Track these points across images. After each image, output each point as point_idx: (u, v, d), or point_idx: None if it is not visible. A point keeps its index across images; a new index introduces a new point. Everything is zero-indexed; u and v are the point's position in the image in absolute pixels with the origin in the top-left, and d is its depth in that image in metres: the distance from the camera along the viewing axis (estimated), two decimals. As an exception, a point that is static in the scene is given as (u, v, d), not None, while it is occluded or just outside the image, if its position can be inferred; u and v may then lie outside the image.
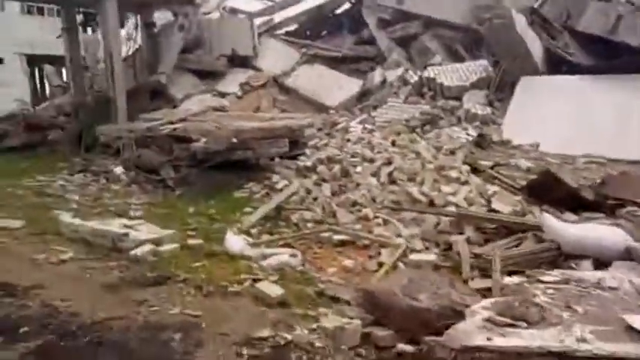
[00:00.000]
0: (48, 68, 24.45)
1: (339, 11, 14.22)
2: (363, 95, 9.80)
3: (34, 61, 31.85)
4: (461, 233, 4.21)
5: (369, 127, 8.06)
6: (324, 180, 6.39)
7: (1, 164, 11.38)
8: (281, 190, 6.53)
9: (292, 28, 14.10)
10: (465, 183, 5.33)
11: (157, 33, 14.55)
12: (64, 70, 28.78)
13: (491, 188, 5.01)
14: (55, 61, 31.56)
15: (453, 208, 4.71)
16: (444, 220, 4.48)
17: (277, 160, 7.53)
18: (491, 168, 5.59)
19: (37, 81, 34.25)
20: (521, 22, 8.04)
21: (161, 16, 15.19)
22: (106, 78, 12.34)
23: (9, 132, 14.92)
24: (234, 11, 15.40)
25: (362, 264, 3.97)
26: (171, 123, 10.22)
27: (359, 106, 9.06)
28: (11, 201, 6.93)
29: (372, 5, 11.42)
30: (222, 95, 12.34)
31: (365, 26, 12.65)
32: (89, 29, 31.83)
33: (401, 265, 3.75)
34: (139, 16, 15.03)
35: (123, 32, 19.19)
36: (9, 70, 30.20)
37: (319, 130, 8.31)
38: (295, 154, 7.68)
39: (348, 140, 7.73)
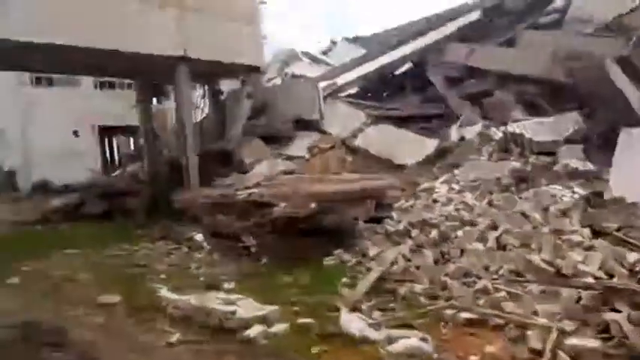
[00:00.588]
0: (119, 138, 25.65)
1: (399, 72, 14.18)
2: (440, 154, 9.41)
3: (105, 133, 33.73)
4: (613, 310, 3.59)
5: (455, 187, 7.59)
6: (420, 246, 5.90)
7: (83, 232, 11.56)
8: (373, 258, 6.09)
9: (354, 90, 14.12)
10: (590, 248, 4.71)
11: (223, 101, 14.96)
12: (132, 140, 30.28)
13: (630, 255, 4.37)
14: (125, 131, 33.43)
15: (589, 279, 4.11)
16: (585, 294, 3.87)
17: (362, 224, 7.12)
18: (617, 230, 4.95)
19: (108, 151, 36.12)
20: (615, 70, 7.55)
21: (226, 85, 15.69)
22: (178, 146, 12.59)
23: (86, 200, 15.44)
24: (296, 77, 15.69)
25: (509, 351, 3.40)
26: (247, 188, 10.18)
27: (437, 165, 8.65)
28: (102, 273, 6.80)
29: (437, 64, 11.24)
30: (291, 159, 12.27)
31: (429, 85, 12.48)
32: (154, 100, 33.64)
33: (561, 354, 3.15)
34: (206, 86, 15.56)
35: (191, 102, 20.02)
36: (83, 142, 32.04)
37: (402, 190, 7.90)
38: (380, 217, 7.27)
39: (436, 201, 7.26)
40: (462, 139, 9.20)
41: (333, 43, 18.88)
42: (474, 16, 12.50)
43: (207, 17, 12.26)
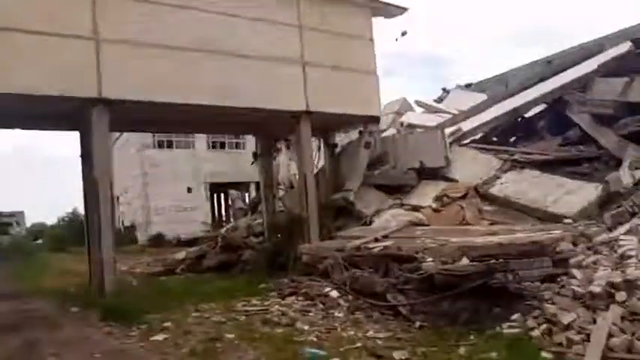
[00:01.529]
0: (233, 193, 26.42)
1: (529, 115, 12.94)
2: (607, 200, 8.00)
3: (214, 189, 35.31)
4: None
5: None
6: (634, 314, 4.61)
7: (204, 285, 11.36)
8: (568, 327, 4.87)
9: (478, 136, 13.05)
10: None
11: (338, 153, 14.59)
12: (243, 194, 31.09)
13: None
14: (233, 187, 34.74)
15: None
16: None
17: (536, 284, 5.92)
18: None
19: (216, 206, 37.62)
20: None
21: (340, 138, 15.37)
22: (299, 198, 12.22)
23: (206, 253, 15.55)
24: (411, 127, 15.00)
25: None
26: (376, 240, 9.36)
27: (609, 214, 7.25)
28: (246, 331, 6.22)
29: (583, 101, 9.94)
30: (416, 209, 11.33)
31: (569, 126, 11.11)
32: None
33: None
34: (321, 139, 15.31)
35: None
36: (195, 198, 33.71)
37: (574, 244, 6.61)
38: (556, 274, 6.03)
39: (628, 257, 5.89)
40: (638, 183, 7.74)
41: (446, 91, 18.11)
42: (623, 47, 11.13)
43: (328, 69, 12.13)
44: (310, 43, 12.01)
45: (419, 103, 16.87)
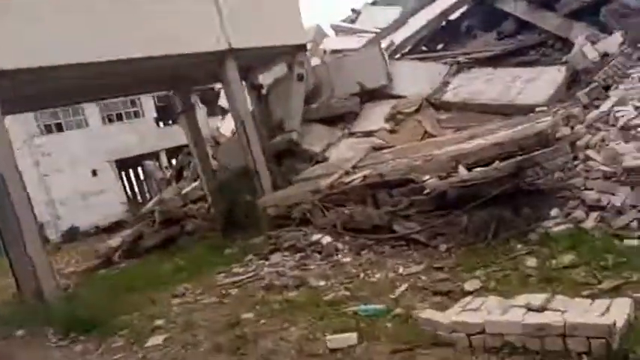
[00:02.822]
0: (149, 164, 23.90)
1: (451, 18, 12.42)
2: (573, 80, 7.72)
3: (121, 166, 32.01)
4: None
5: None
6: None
7: (159, 267, 9.92)
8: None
9: (407, 49, 12.36)
10: None
11: (265, 94, 13.22)
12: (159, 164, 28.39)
13: None
14: (141, 159, 31.69)
15: None
16: None
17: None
18: None
19: (127, 183, 34.40)
20: None
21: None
22: (242, 149, 10.85)
23: (143, 233, 13.76)
24: (336, 52, 13.91)
25: None
26: (347, 174, 8.49)
27: (583, 92, 6.94)
28: (252, 306, 5.14)
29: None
30: (369, 134, 10.55)
31: (499, 20, 10.75)
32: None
33: None
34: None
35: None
36: (102, 180, 30.31)
37: (571, 127, 6.20)
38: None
39: (635, 126, 5.56)
40: (605, 55, 7.50)
41: (355, 11, 17.05)
42: None
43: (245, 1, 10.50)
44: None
45: (336, 28, 15.71)
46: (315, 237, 7.06)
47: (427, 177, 6.26)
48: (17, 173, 7.76)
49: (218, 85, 17.21)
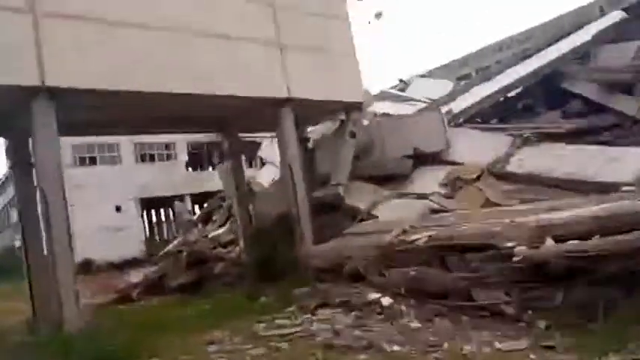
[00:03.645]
0: (179, 205, 23.49)
1: (512, 94, 12.19)
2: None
3: (146, 205, 31.76)
4: None
5: None
6: None
7: (185, 309, 9.12)
8: None
9: (465, 117, 12.06)
10: None
11: (312, 148, 12.90)
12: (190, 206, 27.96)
13: None
14: (166, 201, 31.42)
15: None
16: None
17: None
18: None
19: (150, 222, 34.02)
20: None
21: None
22: (283, 197, 10.31)
23: (167, 271, 13.02)
24: (386, 115, 13.72)
25: None
26: (404, 232, 7.81)
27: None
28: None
29: (593, 69, 9.22)
30: (421, 197, 9.97)
31: (564, 99, 10.43)
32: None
33: None
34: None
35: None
36: (125, 217, 29.95)
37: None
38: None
39: None
40: None
41: (403, 81, 17.13)
42: (616, 15, 10.72)
43: (308, 52, 10.44)
44: (285, 23, 10.25)
45: (384, 94, 15.67)
46: (373, 296, 6.29)
47: (511, 244, 5.56)
48: (62, 192, 7.29)
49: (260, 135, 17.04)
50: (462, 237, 6.39)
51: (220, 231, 15.94)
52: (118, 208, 29.89)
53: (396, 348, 4.51)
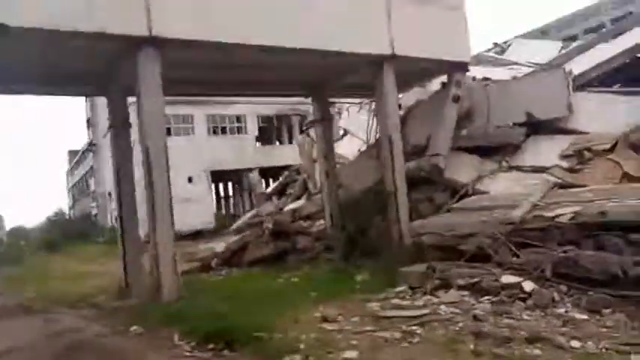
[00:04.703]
0: (253, 177, 23.49)
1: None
2: None
3: (216, 177, 32.21)
4: None
5: None
6: None
7: (273, 282, 8.70)
8: None
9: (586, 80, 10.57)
10: None
11: (404, 115, 11.96)
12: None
13: None
14: (235, 174, 31.71)
15: None
16: None
17: None
18: None
19: (217, 194, 34.63)
20: None
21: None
22: (384, 167, 9.52)
23: (249, 243, 12.77)
24: (486, 80, 12.45)
25: None
26: (534, 208, 6.82)
27: None
28: (459, 348, 3.64)
29: None
30: (539, 170, 8.84)
31: None
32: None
33: None
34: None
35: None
36: (196, 188, 30.51)
37: None
38: None
39: None
40: None
41: (498, 45, 15.62)
42: None
43: (416, 3, 9.45)
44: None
45: (480, 57, 14.33)
46: (508, 279, 5.43)
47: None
48: (164, 151, 7.01)
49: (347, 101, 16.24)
50: (619, 214, 5.36)
51: (297, 204, 15.54)
52: (190, 180, 30.48)
53: (575, 344, 3.66)
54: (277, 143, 34.92)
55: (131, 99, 8.20)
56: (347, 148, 15.27)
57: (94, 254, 20.75)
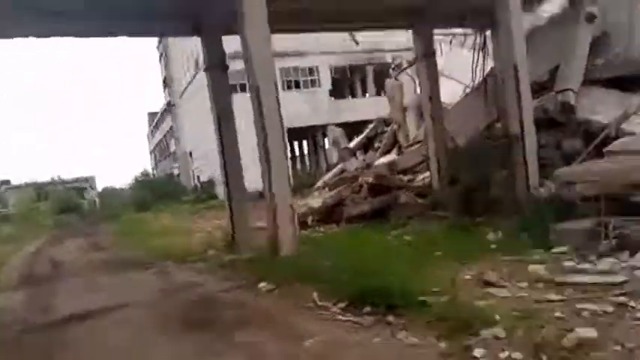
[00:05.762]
0: (336, 130, 22.73)
1: None
2: None
3: (292, 135, 31.78)
4: None
5: None
6: None
7: (384, 239, 7.93)
8: None
9: None
10: None
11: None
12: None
13: None
14: (310, 131, 31.05)
15: None
16: None
17: None
18: None
19: (292, 151, 34.38)
20: None
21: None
22: (507, 106, 8.27)
23: (344, 199, 12.11)
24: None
25: None
26: None
27: None
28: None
29: None
30: None
31: None
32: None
33: None
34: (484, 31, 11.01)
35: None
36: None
37: None
38: None
39: None
40: None
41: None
42: None
43: None
44: None
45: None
46: None
47: None
48: (276, 92, 6.33)
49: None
50: None
51: (388, 158, 14.59)
52: (263, 137, 30.27)
53: None
54: (350, 98, 33.73)
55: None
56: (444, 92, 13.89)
57: (184, 212, 21.26)
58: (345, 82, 33.19)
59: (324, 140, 31.96)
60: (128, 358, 3.69)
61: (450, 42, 14.74)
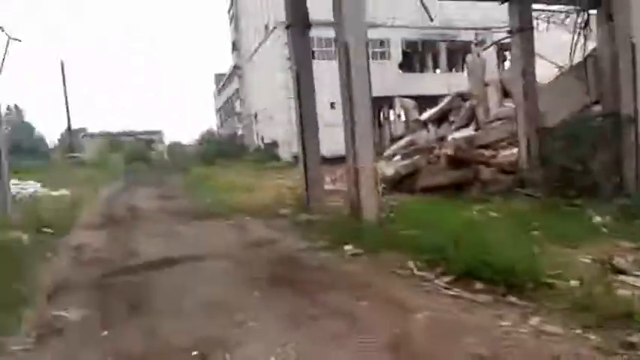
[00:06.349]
0: (408, 102, 21.99)
1: None
2: None
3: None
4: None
5: None
6: None
7: (464, 213, 7.36)
8: None
9: None
10: None
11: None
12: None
13: None
14: (378, 102, 30.20)
15: None
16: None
17: None
18: None
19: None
20: None
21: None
22: (621, 84, 7.35)
23: (421, 169, 11.55)
24: None
25: None
26: None
27: None
28: None
29: None
30: None
31: None
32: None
33: None
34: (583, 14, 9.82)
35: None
36: (337, 114, 29.69)
37: None
38: None
39: None
40: None
41: None
42: None
43: None
44: None
45: None
46: None
47: None
48: (365, 52, 5.87)
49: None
50: None
51: (463, 133, 13.74)
52: (332, 105, 29.77)
53: None
54: (420, 72, 32.41)
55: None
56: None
57: (247, 170, 21.40)
58: (415, 57, 31.83)
59: (389, 112, 31.11)
60: (230, 314, 3.41)
61: (548, 21, 13.41)
